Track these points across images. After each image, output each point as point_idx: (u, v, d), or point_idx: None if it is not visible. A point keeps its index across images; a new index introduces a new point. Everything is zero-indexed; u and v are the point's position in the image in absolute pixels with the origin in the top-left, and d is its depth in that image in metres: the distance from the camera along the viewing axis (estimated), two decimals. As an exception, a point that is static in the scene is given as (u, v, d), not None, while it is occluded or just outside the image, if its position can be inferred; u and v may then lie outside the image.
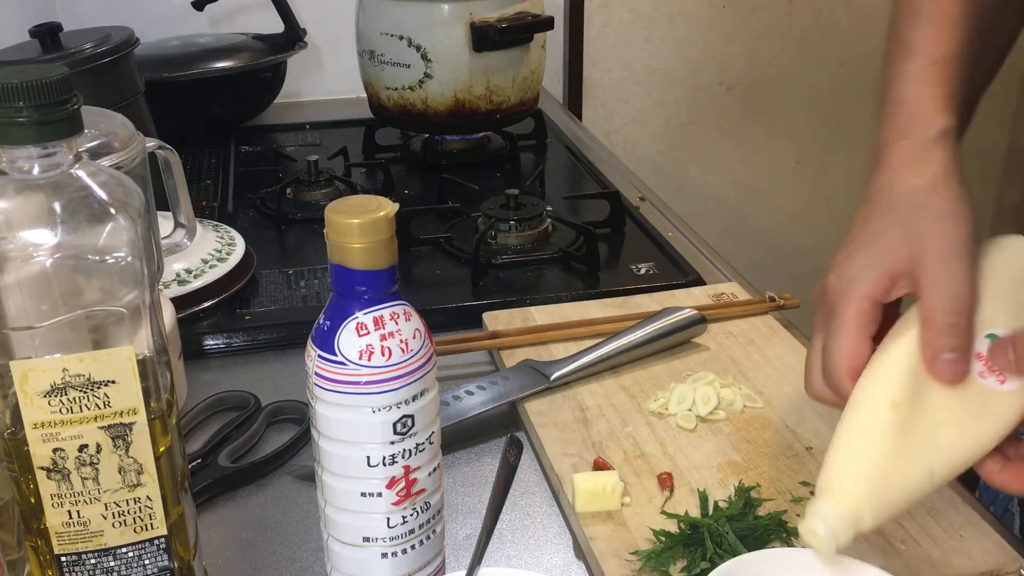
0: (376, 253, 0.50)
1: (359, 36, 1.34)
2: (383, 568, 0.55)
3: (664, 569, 0.60)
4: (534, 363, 0.82)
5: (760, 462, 0.71)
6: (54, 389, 0.48)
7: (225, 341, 0.91)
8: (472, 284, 1.00)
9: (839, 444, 0.52)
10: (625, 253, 1.08)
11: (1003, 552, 0.61)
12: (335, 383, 0.51)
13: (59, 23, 1.15)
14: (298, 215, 1.17)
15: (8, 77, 0.45)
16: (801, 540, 0.52)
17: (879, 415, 0.52)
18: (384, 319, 0.51)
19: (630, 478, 0.69)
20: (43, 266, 0.47)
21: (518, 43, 1.29)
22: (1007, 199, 2.21)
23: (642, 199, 1.22)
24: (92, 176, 0.49)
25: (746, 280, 1.01)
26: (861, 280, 0.56)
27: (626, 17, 1.86)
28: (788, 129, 2.02)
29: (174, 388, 0.54)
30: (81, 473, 0.50)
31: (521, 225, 1.07)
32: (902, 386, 0.52)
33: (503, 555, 0.66)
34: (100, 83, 1.12)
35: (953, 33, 0.60)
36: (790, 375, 0.82)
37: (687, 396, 0.77)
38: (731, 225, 2.04)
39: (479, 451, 0.76)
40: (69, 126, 0.47)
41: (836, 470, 0.51)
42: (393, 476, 0.53)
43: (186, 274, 0.93)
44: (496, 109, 1.31)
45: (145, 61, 1.33)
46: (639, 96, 1.92)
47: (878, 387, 0.53)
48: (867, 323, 0.55)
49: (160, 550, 0.53)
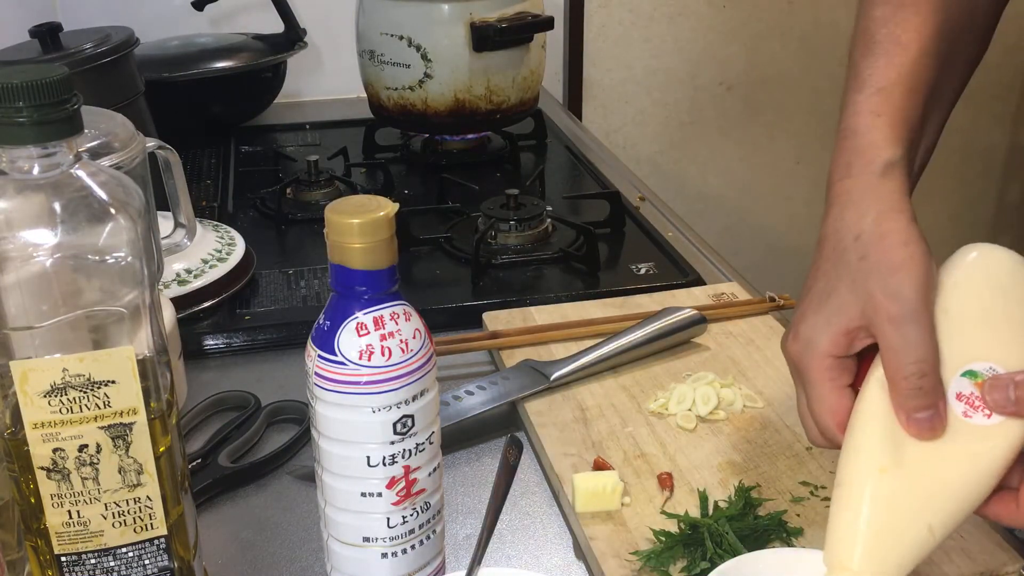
0: (376, 253, 0.50)
1: (359, 36, 1.34)
2: (383, 568, 0.55)
3: (664, 569, 0.60)
4: (534, 363, 0.82)
5: (760, 462, 0.71)
6: (54, 389, 0.48)
7: (225, 341, 0.91)
8: (472, 284, 1.00)
9: (837, 519, 0.52)
10: (625, 253, 1.08)
11: (1003, 552, 0.61)
12: (335, 383, 0.51)
13: (59, 23, 1.15)
14: (298, 215, 1.17)
15: (8, 77, 0.45)
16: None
17: (868, 484, 0.51)
18: (384, 319, 0.51)
19: (630, 478, 0.69)
20: (43, 266, 0.47)
21: (518, 43, 1.29)
22: (1007, 199, 2.21)
23: (642, 199, 1.22)
24: (92, 176, 0.49)
25: (746, 280, 1.01)
26: (818, 340, 0.55)
27: (626, 17, 1.86)
28: (788, 129, 2.02)
29: (174, 388, 0.54)
30: (81, 473, 0.50)
31: (521, 225, 1.07)
32: (883, 449, 0.51)
33: (503, 555, 0.66)
34: (100, 83, 1.12)
35: (904, 59, 0.58)
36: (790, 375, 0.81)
37: (687, 396, 0.77)
38: (731, 225, 2.04)
39: (479, 451, 0.76)
40: (69, 126, 0.47)
41: (838, 545, 0.51)
42: (393, 476, 0.53)
43: (186, 274, 0.93)
44: (496, 109, 1.31)
45: (145, 61, 1.33)
46: (639, 96, 1.92)
47: (861, 457, 0.52)
48: (837, 377, 0.55)
49: (160, 550, 0.53)
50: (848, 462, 0.52)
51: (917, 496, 0.51)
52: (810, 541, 0.63)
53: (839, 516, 0.52)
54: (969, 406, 0.51)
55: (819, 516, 0.65)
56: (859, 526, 0.51)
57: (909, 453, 0.51)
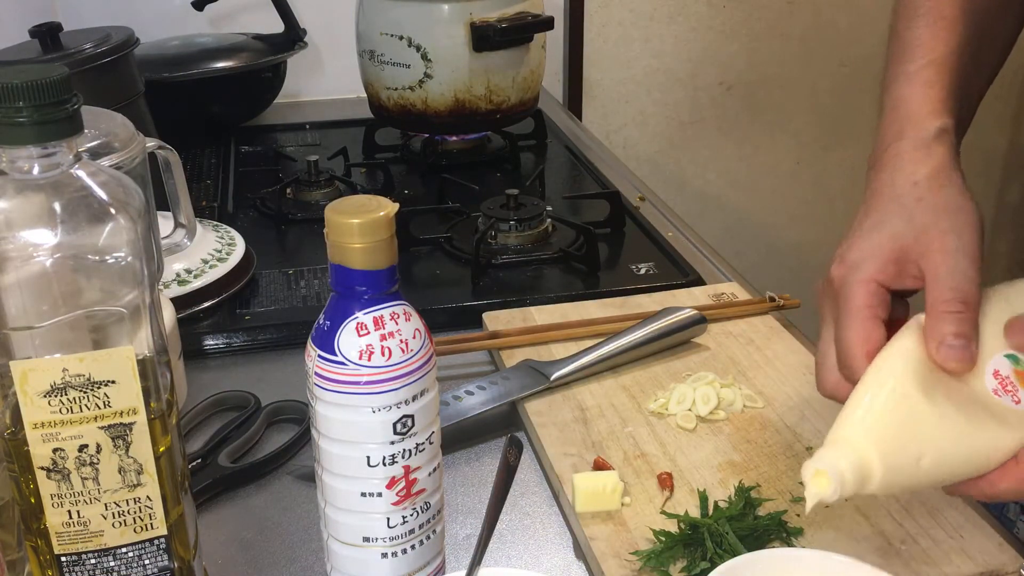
0: (376, 253, 0.50)
1: (359, 36, 1.34)
2: (383, 568, 0.55)
3: (664, 569, 0.60)
4: (534, 363, 0.82)
5: (760, 462, 0.71)
6: (54, 389, 0.48)
7: (225, 341, 0.91)
8: (472, 284, 1.00)
9: (846, 408, 0.52)
10: (625, 253, 1.08)
11: (1003, 552, 0.61)
12: (335, 383, 0.51)
13: (59, 23, 1.15)
14: (298, 215, 1.17)
15: (8, 77, 0.45)
16: (808, 490, 0.51)
17: (885, 393, 0.51)
18: (384, 319, 0.51)
19: (630, 478, 0.69)
20: (43, 266, 0.47)
21: (518, 43, 1.29)
22: (1007, 199, 2.21)
23: (642, 199, 1.22)
24: (92, 176, 0.49)
25: (746, 280, 1.01)
26: (867, 265, 0.55)
27: (626, 17, 1.86)
28: (788, 129, 2.02)
29: (174, 388, 0.54)
30: (81, 473, 0.50)
31: (521, 225, 1.07)
32: (909, 380, 0.52)
33: (503, 555, 0.66)
34: (100, 83, 1.12)
35: (951, 34, 0.60)
36: (790, 375, 0.82)
37: (687, 396, 0.77)
38: (731, 225, 2.04)
39: (479, 451, 0.76)
40: (69, 126, 0.47)
41: (846, 424, 0.51)
42: (393, 476, 0.53)
43: (186, 274, 0.93)
44: (496, 109, 1.31)
45: (145, 61, 1.33)
46: (639, 96, 1.92)
47: (885, 376, 0.52)
48: (877, 304, 0.54)
49: (160, 550, 0.53)
50: (873, 377, 0.52)
51: (924, 431, 0.51)
52: (810, 541, 0.63)
53: (849, 404, 0.52)
54: (1001, 387, 0.52)
55: (819, 516, 0.65)
56: (865, 416, 0.51)
57: (933, 393, 0.52)
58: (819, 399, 0.77)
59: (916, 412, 0.51)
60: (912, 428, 0.51)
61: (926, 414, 0.51)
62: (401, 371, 0.51)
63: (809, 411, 0.76)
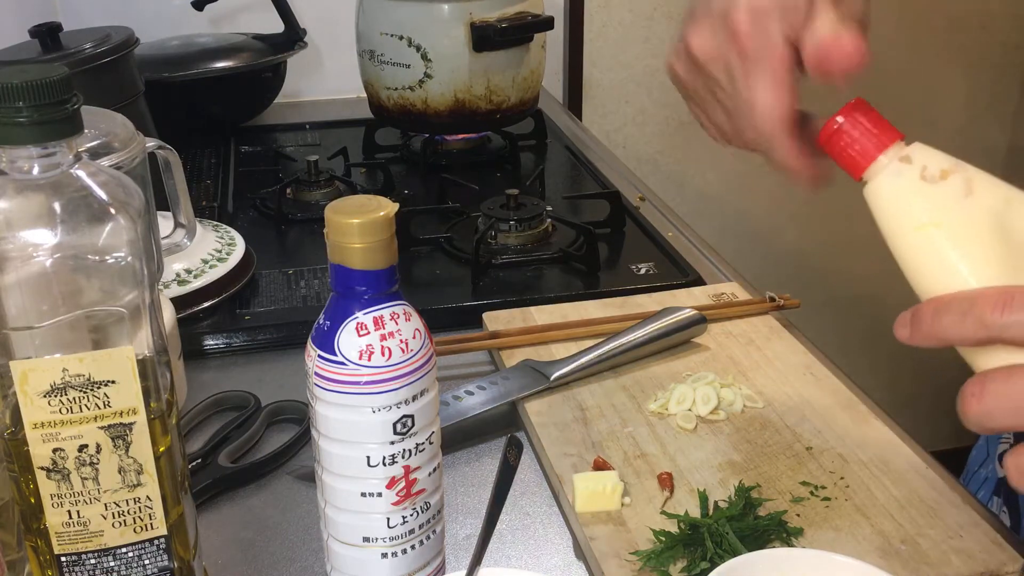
0: (376, 253, 0.50)
1: (359, 36, 1.34)
2: (383, 568, 0.55)
3: (664, 569, 0.60)
4: (534, 363, 0.82)
5: (760, 462, 0.71)
6: (54, 389, 0.48)
7: (225, 341, 0.91)
8: (472, 284, 1.00)
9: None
10: (625, 253, 1.08)
11: (1003, 552, 0.61)
12: (335, 383, 0.51)
13: (59, 23, 1.15)
14: (298, 215, 1.17)
15: (8, 77, 0.45)
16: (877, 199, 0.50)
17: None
18: (384, 319, 0.51)
19: (630, 478, 0.69)
20: (43, 266, 0.47)
21: (518, 43, 1.29)
22: (1007, 199, 2.21)
23: (642, 199, 1.22)
24: (92, 176, 0.49)
25: (746, 280, 1.01)
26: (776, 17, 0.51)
27: (626, 17, 1.86)
28: (788, 129, 2.02)
29: (174, 388, 0.54)
30: (81, 473, 0.50)
31: (521, 225, 1.07)
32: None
33: (503, 555, 0.66)
34: (100, 83, 1.12)
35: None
36: (790, 375, 0.82)
37: (687, 396, 0.77)
38: (731, 225, 2.04)
39: (479, 451, 0.76)
40: (69, 126, 0.47)
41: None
42: (393, 476, 0.53)
43: (186, 274, 0.93)
44: (496, 109, 1.31)
45: (145, 61, 1.33)
46: (639, 96, 1.92)
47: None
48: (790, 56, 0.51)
49: (160, 550, 0.53)
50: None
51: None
52: (810, 541, 0.63)
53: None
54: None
55: (819, 516, 0.65)
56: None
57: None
58: (819, 399, 0.78)
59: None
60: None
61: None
62: (401, 371, 0.51)
63: (809, 411, 0.77)
